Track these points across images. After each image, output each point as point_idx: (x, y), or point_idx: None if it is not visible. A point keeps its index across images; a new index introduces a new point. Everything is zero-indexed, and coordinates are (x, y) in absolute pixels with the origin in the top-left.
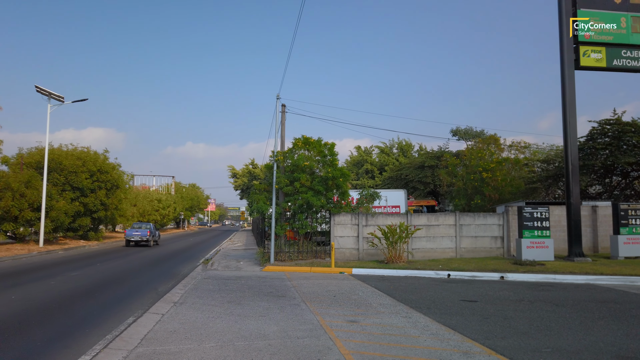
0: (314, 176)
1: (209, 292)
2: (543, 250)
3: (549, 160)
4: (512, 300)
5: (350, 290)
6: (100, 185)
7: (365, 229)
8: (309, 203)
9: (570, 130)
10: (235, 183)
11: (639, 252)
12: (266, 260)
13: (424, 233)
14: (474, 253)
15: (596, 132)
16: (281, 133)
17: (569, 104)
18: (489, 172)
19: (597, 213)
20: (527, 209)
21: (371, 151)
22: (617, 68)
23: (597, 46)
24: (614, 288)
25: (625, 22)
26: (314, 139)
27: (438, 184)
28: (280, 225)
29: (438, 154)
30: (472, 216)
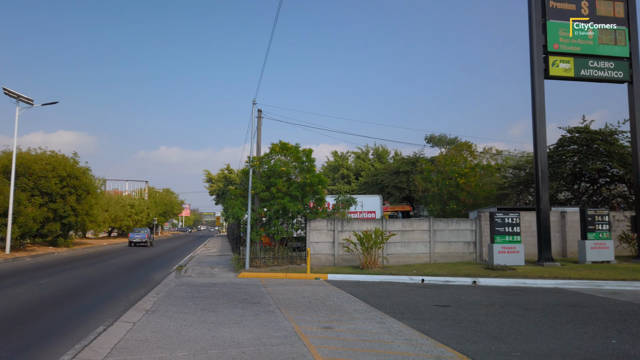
0: (291, 182)
1: (182, 300)
2: (514, 255)
3: (520, 166)
4: (483, 304)
5: (326, 296)
6: (70, 190)
7: (341, 235)
8: (285, 209)
9: (540, 138)
10: (210, 188)
11: (605, 256)
12: (241, 266)
13: (398, 238)
14: (448, 258)
15: (565, 140)
16: (257, 138)
17: (539, 112)
18: (463, 177)
19: (565, 219)
20: (499, 214)
21: (347, 156)
22: (584, 78)
23: (566, 56)
24: (582, 292)
25: (592, 33)
26: (291, 144)
27: (413, 190)
28: (255, 231)
29: (413, 159)
30: (446, 222)
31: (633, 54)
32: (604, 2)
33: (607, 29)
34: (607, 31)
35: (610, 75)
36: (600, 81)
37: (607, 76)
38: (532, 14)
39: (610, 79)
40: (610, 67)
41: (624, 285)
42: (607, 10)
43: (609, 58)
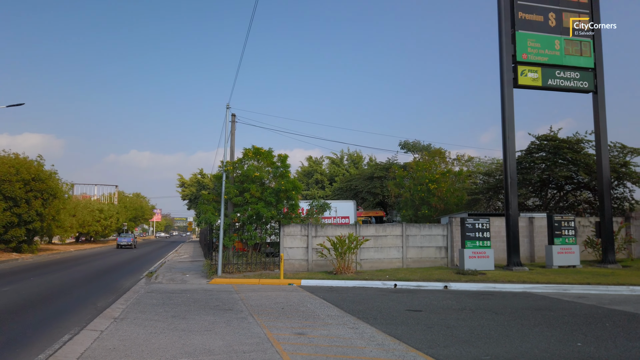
0: (265, 187)
1: (152, 307)
2: (484, 260)
3: (490, 173)
4: (454, 309)
5: (299, 302)
6: (35, 194)
7: (314, 240)
8: (259, 214)
9: (509, 146)
10: (183, 192)
11: (571, 261)
12: (213, 272)
13: (372, 244)
14: (420, 263)
15: (534, 147)
16: (231, 143)
17: (508, 121)
18: (434, 182)
19: (533, 224)
20: (470, 220)
21: (321, 162)
22: (551, 87)
23: (534, 66)
24: (549, 296)
25: (559, 44)
26: (265, 149)
27: (386, 195)
28: (228, 236)
29: (387, 165)
30: (418, 227)
31: (597, 64)
32: (570, 14)
33: (573, 40)
34: (573, 42)
35: (576, 85)
36: (567, 91)
37: (573, 86)
38: (502, 24)
39: (576, 89)
40: (576, 78)
41: (589, 289)
42: (574, 22)
43: (575, 68)
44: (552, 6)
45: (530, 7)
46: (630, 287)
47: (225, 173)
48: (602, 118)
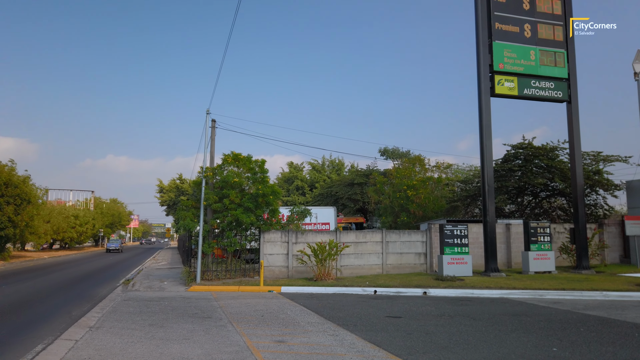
0: (244, 193)
1: (128, 315)
2: (462, 266)
3: (468, 180)
4: (433, 315)
5: (279, 309)
6: (8, 200)
7: (295, 247)
8: (238, 220)
9: (487, 154)
10: (161, 198)
11: (546, 267)
12: (192, 279)
13: (352, 250)
14: (399, 269)
15: (511, 155)
16: (211, 149)
17: (485, 129)
18: (413, 189)
19: (510, 230)
20: (448, 226)
21: (302, 168)
22: (527, 96)
23: (510, 76)
24: (525, 301)
25: (534, 54)
26: (244, 155)
27: (367, 201)
28: (207, 243)
29: (367, 172)
30: (398, 233)
31: (571, 75)
32: (545, 26)
33: (547, 51)
34: (547, 53)
35: (551, 94)
36: (542, 100)
37: (547, 95)
38: (479, 34)
39: (551, 99)
40: (551, 87)
41: (564, 294)
42: (548, 33)
43: (550, 78)
44: (527, 17)
45: (506, 18)
46: (604, 292)
47: (204, 179)
48: (575, 127)
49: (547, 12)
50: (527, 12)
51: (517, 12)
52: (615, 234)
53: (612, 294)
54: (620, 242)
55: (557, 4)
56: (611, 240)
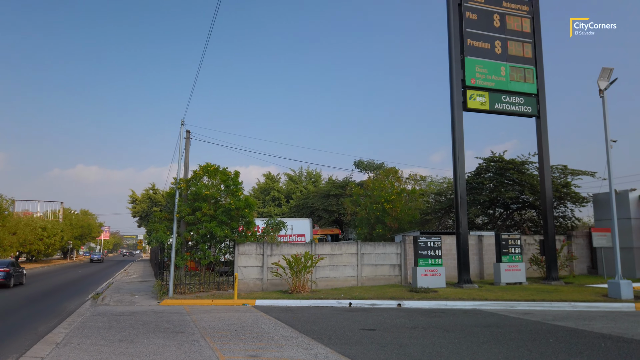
0: (218, 205)
1: (97, 331)
2: (436, 277)
3: (442, 192)
4: (407, 327)
5: (253, 322)
6: None
7: (270, 259)
8: (212, 233)
9: (459, 167)
10: (134, 209)
11: (517, 278)
12: (164, 293)
13: (327, 262)
14: (374, 281)
15: (482, 168)
16: (185, 160)
17: (458, 142)
18: (389, 202)
19: (482, 242)
20: (422, 238)
21: (279, 179)
22: (498, 111)
23: (482, 91)
24: (497, 313)
25: (504, 70)
26: (218, 166)
27: (342, 213)
28: (180, 255)
29: (343, 183)
30: (373, 245)
31: (540, 91)
32: (514, 43)
33: (517, 67)
34: (517, 69)
35: (521, 109)
36: (512, 114)
37: (518, 110)
38: (452, 50)
39: (521, 113)
40: (521, 103)
41: (534, 305)
42: (518, 50)
43: (520, 94)
44: (498, 35)
45: (478, 35)
46: (572, 303)
47: (178, 191)
48: (544, 141)
49: (517, 29)
50: (497, 29)
51: (488, 29)
52: (583, 245)
53: (580, 304)
54: (587, 253)
55: (526, 22)
56: (579, 252)
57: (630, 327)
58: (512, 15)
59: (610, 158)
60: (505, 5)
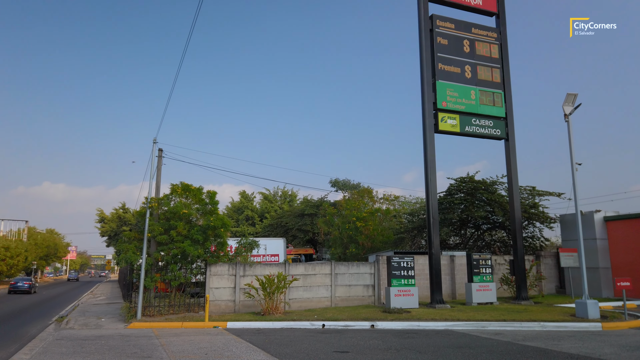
0: (192, 224)
1: (60, 356)
2: (409, 298)
3: (415, 212)
4: (381, 349)
5: (224, 346)
6: None
7: (242, 280)
8: (184, 253)
9: (431, 187)
10: (102, 229)
11: (489, 298)
12: (132, 315)
13: (301, 283)
14: (348, 302)
15: (454, 188)
16: (157, 178)
17: (430, 163)
18: (362, 221)
19: (454, 262)
20: (395, 258)
21: (253, 198)
22: (468, 133)
23: (453, 113)
24: (469, 333)
25: (474, 94)
26: (193, 186)
27: (317, 232)
28: (150, 276)
29: (317, 203)
30: (347, 265)
31: (508, 114)
32: (484, 68)
33: (487, 92)
34: (486, 93)
35: (490, 132)
36: (482, 137)
37: (487, 133)
38: (424, 74)
39: (490, 136)
40: (490, 125)
41: (505, 325)
42: (487, 75)
43: (489, 117)
44: (468, 60)
45: (448, 60)
46: (541, 323)
47: (149, 210)
48: (513, 163)
49: (486, 55)
50: (467, 54)
51: (459, 54)
52: (551, 265)
53: (549, 324)
54: (556, 273)
55: (494, 48)
56: (548, 272)
57: (597, 347)
58: (481, 42)
59: (576, 180)
60: (475, 31)
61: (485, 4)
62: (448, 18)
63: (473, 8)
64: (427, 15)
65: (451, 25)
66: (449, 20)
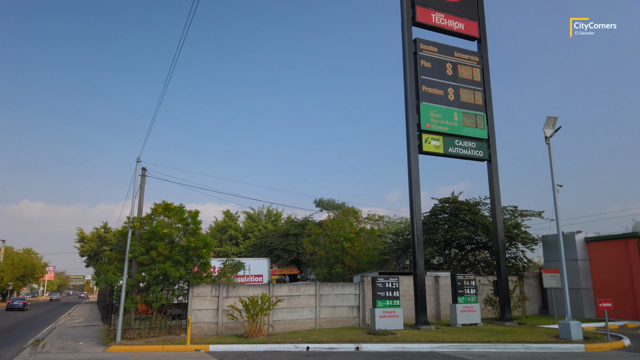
0: (174, 245)
1: None
2: (394, 319)
3: (399, 232)
4: None
5: None
6: None
7: (226, 301)
8: (166, 274)
9: (416, 208)
10: (82, 248)
11: (473, 319)
12: (112, 338)
13: (285, 304)
14: (333, 323)
15: (438, 209)
16: (140, 197)
17: (414, 184)
18: (349, 241)
19: (439, 283)
20: (380, 279)
21: (237, 217)
22: (451, 155)
23: (436, 135)
24: (454, 355)
25: (457, 116)
26: (175, 205)
27: (301, 252)
28: (131, 298)
29: (302, 222)
30: (332, 286)
31: (491, 136)
32: (466, 91)
33: (469, 114)
34: (469, 115)
35: (473, 153)
36: (465, 158)
37: (470, 154)
38: (408, 96)
39: (473, 157)
40: (473, 147)
41: (490, 347)
42: (469, 97)
43: (472, 139)
44: (450, 82)
45: (432, 82)
46: (525, 344)
47: (131, 229)
48: (496, 184)
49: (468, 78)
50: (450, 77)
51: (442, 77)
52: (534, 286)
53: (533, 345)
54: (539, 293)
55: (476, 72)
56: (531, 292)
57: None
58: (463, 65)
59: (557, 201)
60: (457, 55)
61: (467, 29)
62: (431, 42)
63: (456, 32)
64: (411, 39)
65: (434, 49)
66: (432, 43)
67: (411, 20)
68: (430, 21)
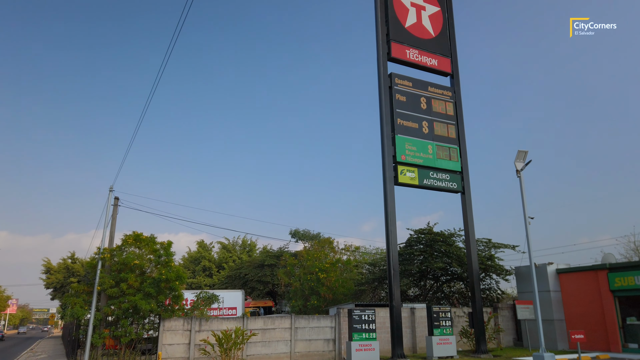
0: (145, 277)
1: None
2: (370, 352)
3: (375, 263)
4: None
5: None
6: None
7: (198, 335)
8: (136, 307)
9: (392, 239)
10: (48, 280)
11: (449, 352)
12: None
13: (260, 338)
14: (308, 357)
15: (413, 240)
16: (111, 227)
17: (390, 215)
18: (324, 272)
19: (415, 315)
20: (357, 311)
21: (211, 247)
22: (426, 186)
23: (412, 167)
24: None
25: (431, 149)
26: (146, 235)
27: (277, 284)
28: (98, 332)
29: (278, 253)
30: (307, 319)
31: (464, 168)
32: (440, 124)
33: (443, 146)
34: (443, 148)
35: (447, 185)
36: (440, 190)
37: (444, 186)
38: (384, 128)
39: (447, 189)
40: (447, 179)
41: None
42: (443, 131)
43: (446, 171)
44: (425, 116)
45: (407, 115)
46: None
47: (101, 261)
48: (469, 215)
49: (442, 112)
50: (424, 111)
51: (416, 110)
52: (508, 317)
53: None
54: (513, 325)
55: (449, 106)
56: (505, 324)
57: None
58: (437, 99)
59: (529, 233)
60: (431, 90)
61: (441, 65)
62: (406, 76)
63: (429, 68)
64: (387, 73)
65: (409, 84)
66: (407, 78)
67: (387, 56)
68: (405, 57)
